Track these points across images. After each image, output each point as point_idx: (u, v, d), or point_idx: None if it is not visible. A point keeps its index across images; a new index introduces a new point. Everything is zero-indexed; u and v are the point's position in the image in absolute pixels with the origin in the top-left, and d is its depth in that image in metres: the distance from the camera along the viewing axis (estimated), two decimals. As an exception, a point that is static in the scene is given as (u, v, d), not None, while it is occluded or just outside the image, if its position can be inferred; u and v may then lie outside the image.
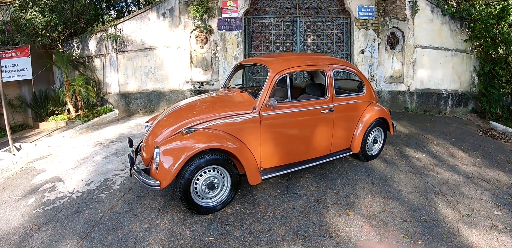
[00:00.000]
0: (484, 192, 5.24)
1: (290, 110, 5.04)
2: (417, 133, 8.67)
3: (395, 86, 11.63)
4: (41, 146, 7.94)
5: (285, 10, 11.29)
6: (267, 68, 5.12)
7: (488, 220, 4.42)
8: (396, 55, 11.57)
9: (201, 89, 11.65)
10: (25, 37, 10.43)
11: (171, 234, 4.06)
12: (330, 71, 5.43)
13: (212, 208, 4.48)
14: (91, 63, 12.20)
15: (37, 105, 11.13)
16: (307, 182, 5.46)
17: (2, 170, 6.61)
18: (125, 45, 11.94)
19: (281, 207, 4.70)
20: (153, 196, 5.01)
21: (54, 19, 10.48)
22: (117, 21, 12.12)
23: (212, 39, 11.53)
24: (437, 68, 11.64)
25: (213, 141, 4.31)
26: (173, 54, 11.76)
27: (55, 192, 5.37)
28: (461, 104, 11.82)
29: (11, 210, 4.83)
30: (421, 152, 7.09)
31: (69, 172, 6.23)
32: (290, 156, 5.15)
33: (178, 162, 4.05)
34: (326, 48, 11.48)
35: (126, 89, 12.23)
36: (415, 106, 11.68)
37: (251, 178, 4.59)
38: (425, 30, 11.39)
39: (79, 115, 11.00)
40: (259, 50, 11.59)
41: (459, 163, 6.55)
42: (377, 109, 6.16)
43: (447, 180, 5.69)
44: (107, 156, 7.04)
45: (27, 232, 4.23)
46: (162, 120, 4.97)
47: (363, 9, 10.92)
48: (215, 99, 5.55)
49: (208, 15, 11.28)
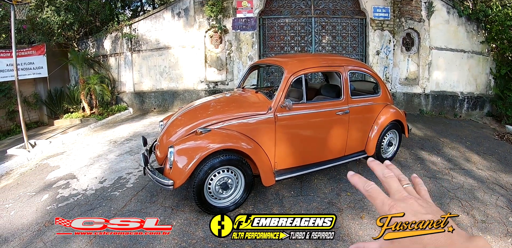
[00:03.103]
0: (499, 198, 5.14)
1: (305, 112, 5.00)
2: (432, 135, 8.56)
3: (410, 88, 11.50)
4: (55, 143, 8.02)
5: (300, 11, 11.23)
6: (282, 69, 5.09)
7: (503, 227, 4.33)
8: (412, 57, 11.43)
9: (215, 89, 11.65)
10: (41, 36, 10.54)
11: (183, 234, 4.05)
12: (345, 72, 5.37)
13: (225, 208, 4.46)
14: (106, 62, 12.30)
15: (52, 103, 11.27)
16: (321, 184, 5.42)
17: (17, 166, 6.70)
18: (140, 44, 12.00)
19: (294, 208, 4.68)
20: (167, 195, 5.02)
21: (69, 18, 10.57)
22: (132, 21, 12.19)
23: (226, 39, 11.52)
24: (453, 70, 11.47)
25: (227, 141, 4.30)
26: (188, 54, 11.77)
27: (69, 188, 5.42)
28: (477, 107, 11.63)
29: (24, 206, 4.88)
30: (436, 155, 7.00)
31: (83, 169, 6.28)
32: (304, 157, 5.11)
33: (192, 162, 4.04)
34: (341, 49, 11.40)
35: (141, 88, 12.29)
36: (430, 108, 11.53)
37: (265, 179, 4.56)
38: (441, 32, 11.23)
39: (94, 114, 11.10)
40: (274, 50, 11.55)
41: (474, 167, 6.44)
42: (392, 111, 6.08)
43: (462, 184, 5.60)
44: (121, 154, 7.07)
45: (40, 228, 4.27)
46: (177, 119, 4.98)
47: (379, 9, 10.83)
48: (230, 99, 5.55)
49: (223, 15, 11.27)
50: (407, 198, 0.71)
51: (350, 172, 0.84)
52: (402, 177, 0.80)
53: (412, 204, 0.69)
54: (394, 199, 0.72)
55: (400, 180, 0.78)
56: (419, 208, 0.68)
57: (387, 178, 0.78)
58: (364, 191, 0.77)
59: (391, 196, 0.74)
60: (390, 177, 0.78)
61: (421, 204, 0.70)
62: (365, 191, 0.77)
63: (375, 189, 0.75)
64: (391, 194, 0.75)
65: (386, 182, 0.78)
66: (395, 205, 0.69)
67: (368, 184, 0.77)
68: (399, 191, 0.74)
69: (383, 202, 0.72)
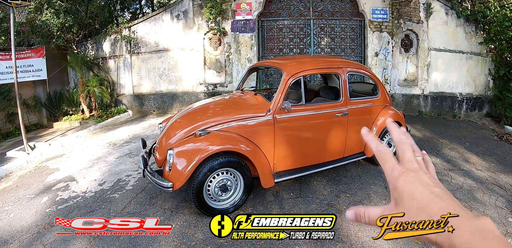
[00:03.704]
0: (499, 198, 5.14)
1: (304, 114, 5.01)
2: (431, 136, 8.57)
3: (409, 89, 11.52)
4: (55, 145, 8.02)
5: (299, 13, 11.25)
6: (281, 71, 5.10)
7: (503, 227, 4.33)
8: (410, 58, 11.46)
9: (214, 91, 11.65)
10: (40, 38, 10.56)
11: (183, 236, 4.06)
12: (344, 74, 5.38)
13: (224, 210, 4.46)
14: (105, 64, 12.31)
15: (51, 105, 11.27)
16: (320, 186, 5.43)
17: (16, 169, 6.71)
18: (139, 46, 12.01)
19: (293, 210, 4.68)
20: (166, 198, 5.02)
21: (69, 21, 10.58)
22: (131, 23, 12.21)
23: (225, 41, 11.53)
24: (452, 72, 11.50)
25: (226, 143, 4.31)
26: (187, 56, 11.78)
27: (68, 191, 5.42)
28: (476, 108, 11.65)
29: (24, 208, 4.89)
30: (435, 156, 7.01)
31: (82, 171, 6.28)
32: (303, 159, 5.11)
33: (191, 164, 4.05)
34: (340, 50, 11.42)
35: (140, 91, 12.30)
36: (429, 109, 11.55)
37: (264, 180, 4.56)
38: (440, 33, 11.26)
39: (93, 116, 11.10)
40: (273, 52, 11.56)
41: (473, 168, 6.45)
42: (391, 112, 6.09)
43: (461, 185, 5.60)
44: (120, 156, 7.08)
45: (40, 230, 4.27)
46: (176, 122, 4.99)
47: (377, 11, 10.86)
48: (229, 101, 5.56)
49: (222, 17, 11.28)
50: (418, 169, 0.71)
51: (364, 129, 0.84)
52: (415, 148, 0.78)
53: (422, 176, 0.69)
54: (405, 167, 0.72)
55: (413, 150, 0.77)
56: (429, 181, 0.68)
57: (403, 143, 0.77)
58: (376, 151, 0.77)
59: (401, 163, 0.74)
60: (406, 143, 0.77)
61: (430, 178, 0.70)
62: (377, 151, 0.77)
63: (387, 151, 0.76)
64: (403, 161, 0.74)
65: (400, 147, 0.77)
66: (405, 172, 0.70)
67: (381, 145, 0.77)
68: (411, 160, 0.73)
69: (393, 167, 0.72)
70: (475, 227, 0.59)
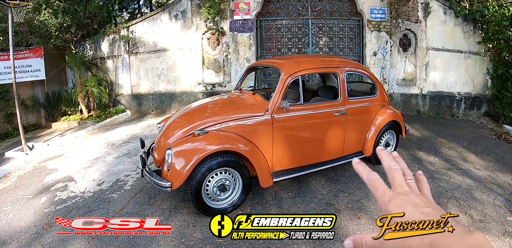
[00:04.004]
0: (497, 197, 5.16)
1: (302, 113, 5.02)
2: (429, 136, 8.58)
3: (407, 89, 11.53)
4: (53, 145, 8.02)
5: (297, 12, 11.25)
6: (279, 70, 5.10)
7: (501, 226, 4.35)
8: (409, 58, 11.47)
9: (213, 91, 11.65)
10: (38, 39, 10.54)
11: (182, 236, 4.06)
12: (342, 73, 5.38)
13: (223, 210, 4.47)
14: (103, 64, 12.29)
15: (50, 106, 11.24)
16: (318, 185, 5.43)
17: (15, 169, 6.70)
18: (138, 46, 12.00)
19: (292, 210, 4.69)
20: (165, 197, 5.02)
21: (67, 21, 10.57)
22: (129, 23, 12.19)
23: (224, 41, 11.53)
24: (450, 71, 11.51)
25: (224, 143, 4.31)
26: (185, 56, 11.78)
27: (67, 191, 5.42)
28: (474, 108, 11.67)
29: (23, 208, 4.88)
30: (434, 155, 7.02)
31: (81, 171, 6.28)
32: (302, 158, 5.11)
33: (189, 164, 4.05)
34: (338, 50, 11.43)
35: (138, 91, 12.29)
36: (428, 109, 11.56)
37: (263, 180, 4.57)
38: (438, 32, 11.28)
39: (92, 116, 11.08)
40: (271, 52, 11.56)
41: (472, 167, 6.46)
42: (390, 112, 6.09)
43: (460, 184, 5.62)
44: (119, 156, 7.08)
45: (38, 230, 4.27)
46: (174, 122, 4.99)
47: (375, 11, 10.86)
48: (227, 101, 5.56)
49: (220, 17, 11.28)
50: (408, 192, 0.73)
51: (355, 159, 0.87)
52: (406, 172, 0.81)
53: (412, 198, 0.71)
54: (396, 191, 0.74)
55: (404, 174, 0.80)
56: (419, 202, 0.70)
57: (393, 170, 0.80)
58: (367, 180, 0.80)
59: (393, 188, 0.76)
60: (396, 169, 0.80)
61: (421, 199, 0.71)
62: (368, 180, 0.80)
63: (377, 179, 0.78)
64: (394, 186, 0.77)
65: (390, 174, 0.80)
66: (395, 197, 0.72)
67: (371, 174, 0.80)
68: (402, 185, 0.76)
69: (384, 192, 0.74)
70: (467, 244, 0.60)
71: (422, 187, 0.81)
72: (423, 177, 0.84)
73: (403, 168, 0.82)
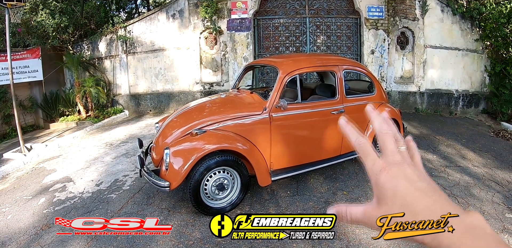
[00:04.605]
0: (495, 194, 5.17)
1: (300, 112, 5.02)
2: (427, 133, 8.60)
3: (405, 86, 11.54)
4: (51, 146, 8.00)
5: (295, 11, 11.25)
6: (277, 69, 5.11)
7: (500, 223, 4.36)
8: (406, 56, 11.48)
9: (210, 90, 11.65)
10: (35, 39, 10.51)
11: (180, 235, 4.06)
12: (340, 72, 5.38)
13: (221, 209, 4.47)
14: (101, 64, 12.27)
15: (47, 106, 11.24)
16: (317, 184, 5.44)
17: (13, 170, 6.69)
18: (135, 46, 11.99)
19: (291, 208, 4.69)
20: (163, 197, 5.02)
21: (64, 21, 10.54)
22: (127, 23, 12.18)
23: (221, 40, 11.53)
24: (448, 69, 11.52)
25: (223, 142, 4.31)
26: (183, 55, 11.77)
27: (66, 192, 5.41)
28: (472, 105, 11.69)
29: (21, 209, 4.88)
30: (432, 153, 7.03)
31: (79, 172, 6.27)
32: (300, 157, 5.12)
33: (188, 163, 4.05)
34: (336, 48, 11.43)
35: (136, 90, 12.28)
36: (426, 107, 11.58)
37: (261, 179, 4.57)
38: (436, 30, 11.28)
39: (90, 116, 11.07)
40: (269, 51, 11.57)
41: (470, 164, 6.47)
42: (388, 110, 6.08)
43: (458, 181, 5.63)
44: (117, 156, 7.07)
45: (37, 231, 4.27)
46: (172, 121, 4.99)
47: (373, 9, 10.87)
48: (225, 100, 5.55)
49: (218, 16, 11.28)
50: (401, 162, 0.67)
51: (342, 118, 0.77)
52: (398, 137, 0.73)
53: (405, 169, 0.65)
54: (387, 161, 0.68)
55: (396, 140, 0.72)
56: (413, 175, 0.64)
57: (385, 134, 0.72)
58: (355, 144, 0.73)
59: (384, 156, 0.69)
60: (388, 134, 0.72)
61: (415, 171, 0.66)
62: (356, 144, 0.72)
63: (367, 144, 0.71)
64: (385, 154, 0.69)
65: (382, 138, 0.72)
66: (387, 168, 0.66)
67: (360, 137, 0.73)
68: (393, 153, 0.69)
69: (374, 161, 0.68)
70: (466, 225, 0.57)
71: (413, 155, 0.73)
72: (413, 143, 0.76)
73: (394, 132, 0.73)
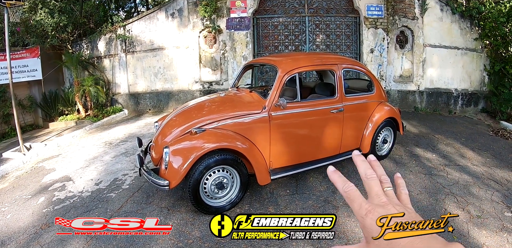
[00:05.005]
0: (495, 193, 5.18)
1: (299, 110, 5.02)
2: (427, 132, 8.60)
3: (404, 85, 11.54)
4: (51, 145, 8.00)
5: (294, 10, 11.25)
6: (276, 68, 5.11)
7: (499, 221, 4.36)
8: (406, 54, 11.48)
9: (210, 89, 11.64)
10: (34, 38, 10.49)
11: (180, 234, 4.06)
12: (339, 70, 5.38)
13: (221, 208, 4.47)
14: (100, 63, 12.25)
15: (47, 106, 11.23)
16: (316, 182, 5.44)
17: (13, 169, 6.68)
18: (134, 45, 11.97)
19: (290, 207, 4.69)
20: (162, 196, 5.02)
21: (63, 20, 10.53)
22: (126, 22, 12.16)
23: (221, 39, 11.51)
24: (447, 68, 11.53)
25: (222, 141, 4.31)
26: (182, 54, 11.77)
27: (65, 191, 5.41)
28: (471, 104, 11.70)
29: (21, 209, 4.87)
30: (431, 152, 7.04)
31: (78, 171, 6.27)
32: (299, 156, 5.12)
33: (187, 162, 4.05)
34: (335, 47, 11.43)
35: (135, 89, 12.27)
36: (425, 105, 11.58)
37: (260, 178, 4.57)
38: (435, 29, 11.29)
39: (89, 115, 11.06)
40: (268, 50, 11.56)
41: (469, 163, 6.48)
42: (387, 109, 6.10)
43: (457, 180, 5.63)
44: (117, 155, 7.06)
45: (37, 231, 4.26)
46: (172, 120, 4.99)
47: (372, 8, 10.87)
48: (224, 99, 5.56)
49: (217, 15, 11.26)
50: (386, 204, 0.71)
51: (330, 168, 0.83)
52: (384, 179, 0.78)
53: (390, 210, 0.69)
54: (373, 203, 0.71)
55: (381, 182, 0.77)
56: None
57: (369, 179, 0.77)
58: (342, 192, 0.76)
59: (370, 199, 0.73)
60: (372, 178, 0.77)
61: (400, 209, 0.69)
62: (343, 192, 0.76)
63: (353, 191, 0.75)
64: (370, 197, 0.74)
65: (367, 183, 0.76)
66: (372, 210, 0.69)
67: (347, 185, 0.76)
68: (379, 195, 0.73)
69: (360, 205, 0.71)
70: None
71: (400, 193, 0.78)
72: (402, 181, 0.82)
73: (380, 174, 0.79)
